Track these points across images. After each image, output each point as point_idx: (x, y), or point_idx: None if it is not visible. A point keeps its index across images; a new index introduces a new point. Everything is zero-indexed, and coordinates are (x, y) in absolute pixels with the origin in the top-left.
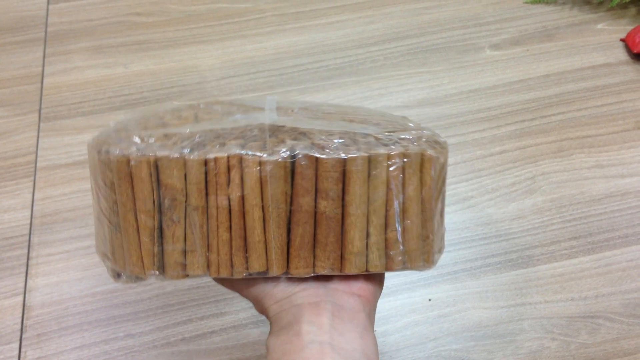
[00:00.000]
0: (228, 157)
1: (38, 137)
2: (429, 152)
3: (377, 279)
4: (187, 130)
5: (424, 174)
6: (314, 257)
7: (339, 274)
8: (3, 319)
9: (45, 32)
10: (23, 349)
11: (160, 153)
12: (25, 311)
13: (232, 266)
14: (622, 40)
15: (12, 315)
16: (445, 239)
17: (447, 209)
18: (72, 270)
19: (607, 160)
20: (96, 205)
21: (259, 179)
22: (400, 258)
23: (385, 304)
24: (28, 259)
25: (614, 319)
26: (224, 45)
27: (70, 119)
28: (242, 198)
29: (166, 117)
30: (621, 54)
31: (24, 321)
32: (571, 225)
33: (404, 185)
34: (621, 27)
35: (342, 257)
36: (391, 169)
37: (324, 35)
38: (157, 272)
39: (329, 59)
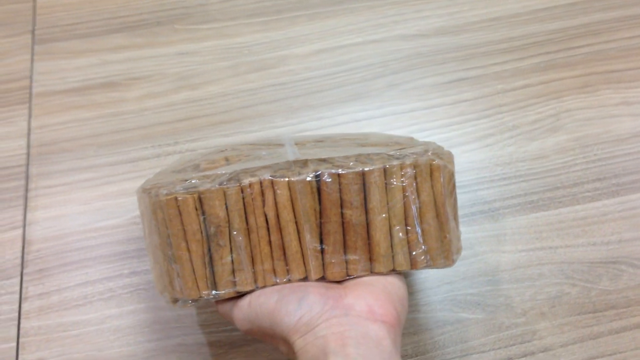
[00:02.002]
0: (261, 182)
1: (32, 60)
2: (436, 161)
3: (399, 303)
4: (222, 171)
5: (434, 181)
6: (346, 262)
7: (370, 274)
8: (3, 253)
9: None
10: (24, 285)
11: (202, 188)
12: (25, 245)
13: (275, 276)
14: None
15: (11, 249)
16: (463, 180)
17: (465, 147)
18: (73, 204)
19: (635, 97)
20: (150, 243)
21: (289, 197)
22: (423, 257)
23: None
24: (26, 190)
25: (637, 265)
26: None
27: (65, 41)
28: (277, 215)
29: (201, 164)
30: None
31: (24, 256)
32: (595, 166)
33: (418, 191)
34: None
35: (371, 259)
36: (404, 177)
37: None
38: (213, 292)
39: None
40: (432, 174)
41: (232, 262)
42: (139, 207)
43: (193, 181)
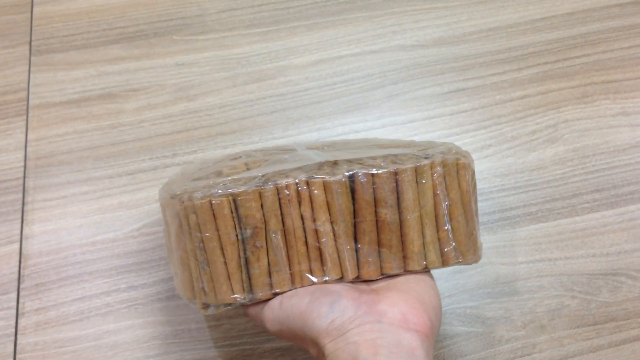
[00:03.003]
0: (297, 182)
1: (29, 72)
2: (462, 159)
3: (434, 312)
4: (255, 174)
5: (461, 179)
6: (381, 260)
7: (404, 273)
8: None
9: None
10: (21, 300)
11: (238, 190)
12: (22, 260)
13: (312, 276)
14: None
15: (8, 264)
16: None
17: None
18: (71, 217)
19: (633, 108)
20: (178, 249)
21: (325, 197)
22: (453, 254)
23: None
24: (23, 204)
25: (637, 277)
26: None
27: (63, 52)
28: (313, 215)
29: (223, 170)
30: None
31: (21, 270)
32: (594, 177)
33: (447, 189)
34: None
35: (404, 257)
36: (435, 175)
37: None
38: (249, 295)
39: None
40: (459, 172)
41: (269, 263)
42: (162, 215)
43: (227, 184)
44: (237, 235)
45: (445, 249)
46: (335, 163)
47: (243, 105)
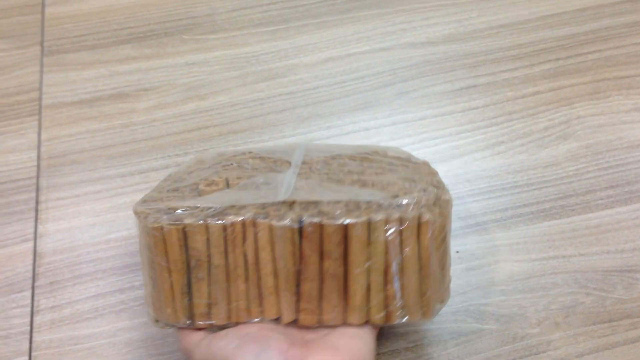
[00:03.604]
0: (244, 221)
1: (41, 72)
2: (426, 217)
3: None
4: (211, 204)
5: (422, 235)
6: (320, 310)
7: (343, 325)
8: (14, 265)
9: None
10: (36, 298)
11: (187, 221)
12: (37, 258)
13: (249, 314)
14: None
15: (22, 262)
16: (475, 189)
17: (476, 155)
18: (84, 216)
19: None
20: (141, 261)
21: (270, 239)
22: (399, 312)
23: None
24: (37, 203)
25: None
26: None
27: (74, 53)
28: (256, 255)
29: (200, 184)
30: None
31: (36, 268)
32: (608, 173)
33: (401, 247)
34: None
35: (345, 309)
36: (388, 233)
37: None
38: (188, 321)
39: None
40: (420, 229)
41: (209, 295)
42: (137, 227)
43: (179, 211)
44: (184, 263)
45: (390, 307)
46: (292, 205)
47: (253, 104)
